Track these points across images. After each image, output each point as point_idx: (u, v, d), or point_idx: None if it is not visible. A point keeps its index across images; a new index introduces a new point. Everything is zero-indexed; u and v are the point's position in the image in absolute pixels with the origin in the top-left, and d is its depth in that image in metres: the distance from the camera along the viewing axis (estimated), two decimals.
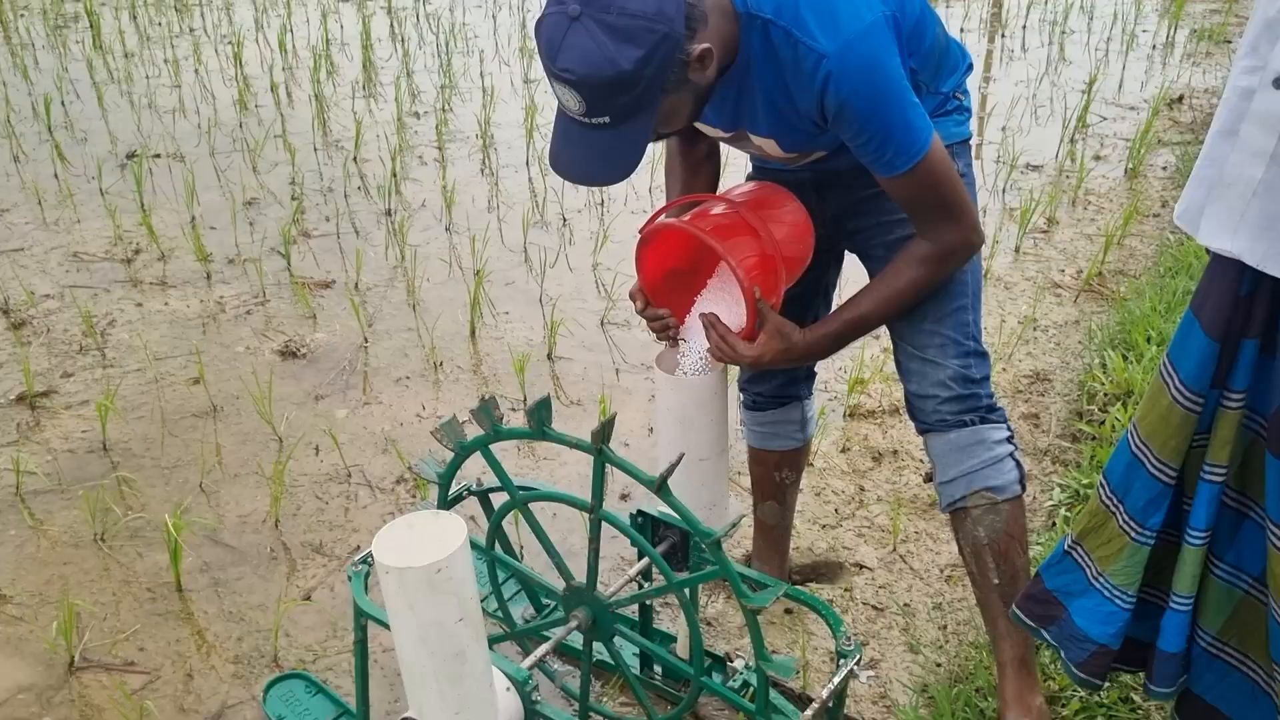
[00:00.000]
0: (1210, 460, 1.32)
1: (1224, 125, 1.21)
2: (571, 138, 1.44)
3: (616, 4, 1.32)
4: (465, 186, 4.26)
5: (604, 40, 1.32)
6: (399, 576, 1.36)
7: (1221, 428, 1.31)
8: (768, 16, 1.43)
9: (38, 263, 3.64)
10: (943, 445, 1.74)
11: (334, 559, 2.35)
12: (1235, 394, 1.28)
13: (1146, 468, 1.38)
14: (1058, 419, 2.81)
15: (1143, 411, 1.39)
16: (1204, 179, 1.24)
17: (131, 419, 2.82)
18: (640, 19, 1.32)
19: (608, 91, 1.35)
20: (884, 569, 2.31)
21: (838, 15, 1.41)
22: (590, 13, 1.32)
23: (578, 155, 1.45)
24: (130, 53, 6.00)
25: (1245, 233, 1.17)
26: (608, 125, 1.39)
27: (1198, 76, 5.67)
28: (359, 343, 3.19)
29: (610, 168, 1.44)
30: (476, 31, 6.50)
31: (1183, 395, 1.31)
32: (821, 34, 1.40)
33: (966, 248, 1.61)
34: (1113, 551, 1.44)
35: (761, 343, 1.62)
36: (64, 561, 2.34)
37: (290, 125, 4.90)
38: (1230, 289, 1.24)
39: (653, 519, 1.80)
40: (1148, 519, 1.39)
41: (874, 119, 1.44)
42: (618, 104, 1.36)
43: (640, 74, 1.34)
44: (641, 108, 1.38)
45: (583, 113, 1.38)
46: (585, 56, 1.32)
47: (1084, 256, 3.72)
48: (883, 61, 1.43)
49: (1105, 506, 1.45)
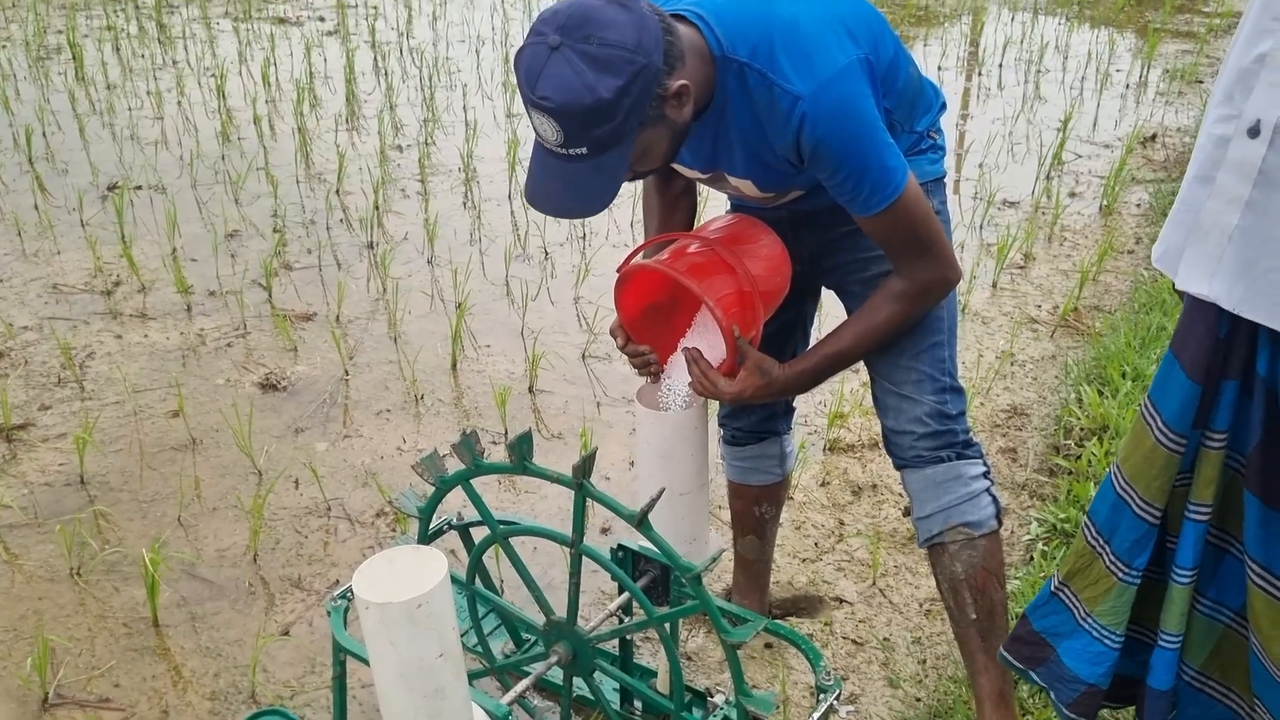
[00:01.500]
0: (1194, 500, 1.34)
1: (1200, 172, 1.23)
2: (548, 170, 1.44)
3: (596, 35, 1.33)
4: (447, 219, 4.28)
5: (583, 69, 1.33)
6: (380, 612, 1.35)
7: (1204, 468, 1.33)
8: (743, 59, 1.45)
9: (16, 294, 3.63)
10: (920, 481, 1.75)
11: (313, 593, 2.34)
12: (1217, 434, 1.30)
13: (1132, 508, 1.39)
14: (1035, 453, 2.83)
15: (1126, 452, 1.40)
16: (1181, 223, 1.26)
17: (109, 452, 2.80)
18: (619, 49, 1.34)
19: (586, 120, 1.35)
20: (864, 603, 2.32)
21: (812, 58, 1.43)
22: (570, 43, 1.33)
23: (554, 188, 1.45)
24: (113, 84, 6.01)
25: (1222, 277, 1.19)
26: (585, 156, 1.40)
27: (1170, 115, 5.77)
28: (340, 375, 3.19)
29: (585, 200, 1.45)
30: (460, 66, 6.55)
31: (1165, 436, 1.33)
32: (796, 76, 1.43)
33: (943, 284, 1.63)
34: (1100, 592, 1.46)
35: (742, 378, 1.64)
36: (39, 596, 2.32)
37: (273, 158, 4.91)
38: (1210, 332, 1.26)
39: (633, 553, 1.81)
40: (1134, 559, 1.41)
41: (849, 159, 1.46)
42: (595, 135, 1.37)
43: (619, 104, 1.35)
44: (619, 140, 1.39)
45: (560, 143, 1.39)
46: (564, 85, 1.33)
47: (1060, 292, 3.77)
48: (857, 103, 1.45)
49: (1091, 547, 1.47)
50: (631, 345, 1.75)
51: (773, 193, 1.66)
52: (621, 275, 1.71)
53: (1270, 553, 1.29)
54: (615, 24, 1.34)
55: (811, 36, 1.44)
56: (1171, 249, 1.27)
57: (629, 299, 1.76)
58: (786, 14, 1.46)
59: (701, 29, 1.46)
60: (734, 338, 1.62)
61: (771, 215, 1.78)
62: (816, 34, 1.45)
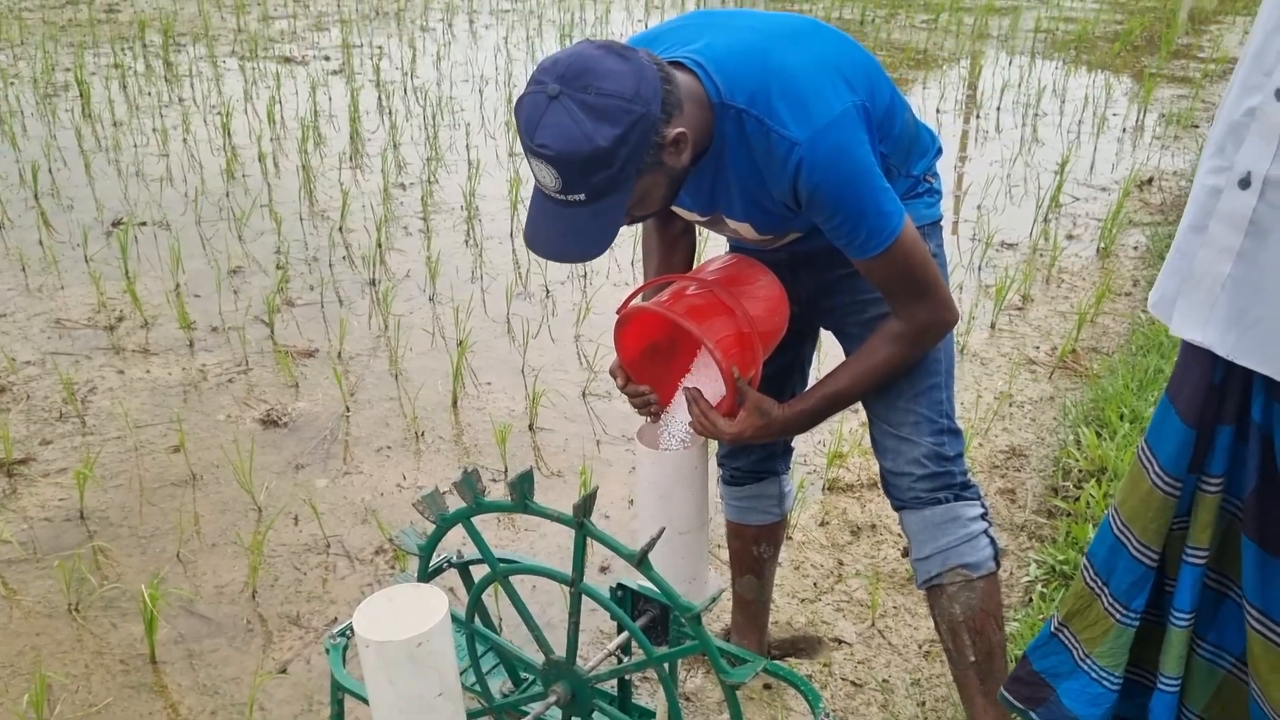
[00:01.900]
0: (1191, 543, 1.35)
1: (1193, 221, 1.25)
2: (547, 214, 1.46)
3: (595, 84, 1.36)
4: (449, 257, 4.31)
5: (581, 118, 1.35)
6: (379, 650, 1.36)
7: (1201, 511, 1.33)
8: (741, 106, 1.47)
9: (19, 329, 3.65)
10: (918, 522, 1.76)
11: (311, 631, 2.34)
12: (1213, 478, 1.31)
13: (1129, 551, 1.40)
14: (1034, 494, 2.84)
15: (1123, 495, 1.41)
16: (1176, 271, 1.28)
17: (110, 487, 2.81)
18: (617, 99, 1.36)
19: (583, 168, 1.38)
20: (863, 644, 2.32)
21: (809, 104, 1.46)
22: (569, 92, 1.36)
23: (552, 233, 1.47)
24: (119, 121, 6.07)
25: (1215, 325, 1.21)
26: (583, 203, 1.42)
27: (1167, 159, 5.83)
28: (341, 412, 3.20)
29: (583, 245, 1.47)
30: (463, 105, 6.62)
31: (1162, 480, 1.34)
32: (793, 123, 1.45)
33: (941, 326, 1.65)
34: (1099, 633, 1.46)
35: (741, 419, 1.66)
36: (36, 632, 2.31)
37: (277, 195, 4.95)
38: (1204, 377, 1.28)
39: (633, 592, 1.81)
40: (1132, 601, 1.41)
41: (846, 204, 1.48)
42: (593, 182, 1.39)
43: (616, 152, 1.37)
44: (616, 186, 1.41)
45: (559, 189, 1.41)
46: (562, 133, 1.35)
47: (1058, 333, 3.79)
48: (853, 149, 1.47)
49: (1090, 589, 1.47)
50: (631, 385, 1.77)
51: (771, 235, 1.69)
52: (621, 317, 1.72)
53: (1268, 598, 1.30)
54: (613, 74, 1.36)
55: (808, 83, 1.47)
56: (1166, 296, 1.29)
57: (629, 340, 1.77)
58: (783, 61, 1.49)
59: (700, 76, 1.49)
60: (733, 378, 1.63)
61: (770, 257, 1.80)
62: (813, 81, 1.47)
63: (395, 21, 9.28)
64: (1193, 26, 9.66)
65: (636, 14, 9.77)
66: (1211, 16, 10.20)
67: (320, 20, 9.25)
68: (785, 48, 1.50)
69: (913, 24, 9.42)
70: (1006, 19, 9.61)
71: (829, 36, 1.58)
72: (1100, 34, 9.10)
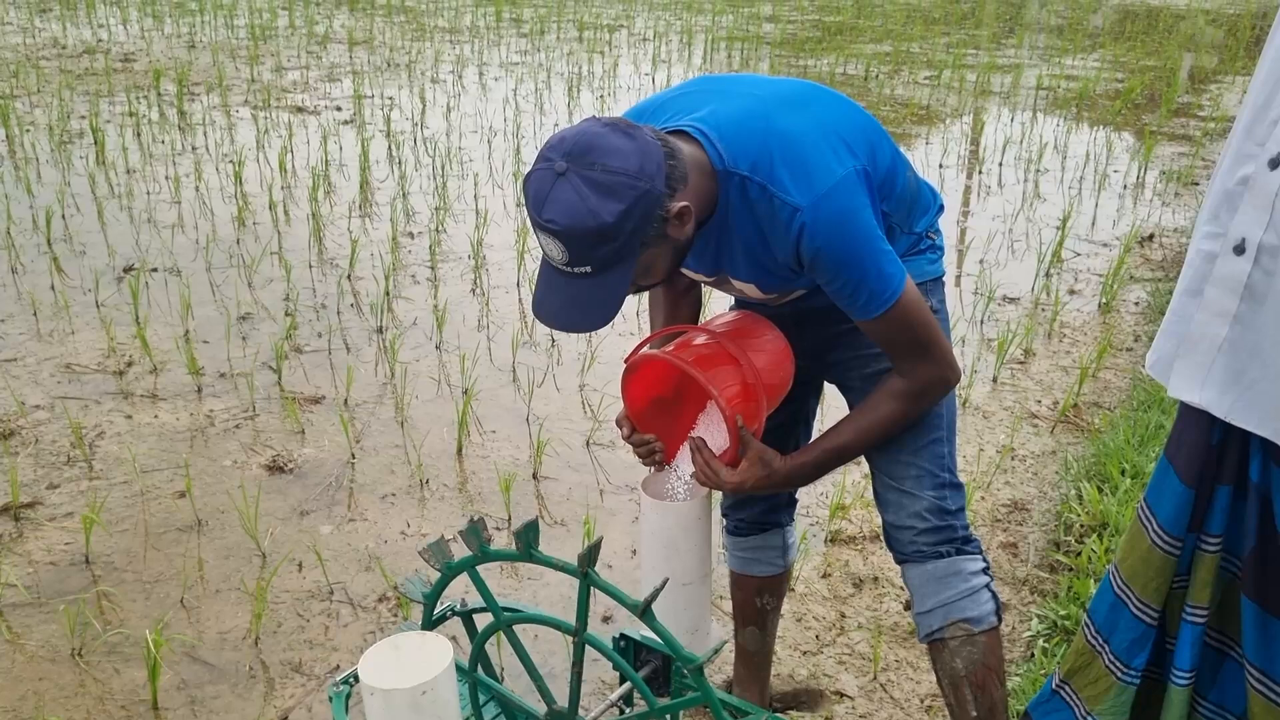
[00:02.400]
0: (1191, 602, 1.36)
1: (1189, 285, 1.29)
2: (554, 286, 1.50)
3: (600, 162, 1.40)
4: (456, 306, 4.35)
5: (587, 194, 1.39)
6: (384, 698, 1.37)
7: (1200, 570, 1.35)
8: (744, 173, 1.51)
9: (30, 373, 3.68)
10: (920, 576, 1.77)
11: (313, 678, 2.34)
12: (1212, 538, 1.33)
13: (1130, 609, 1.41)
14: (1035, 549, 2.84)
15: (1123, 553, 1.43)
16: (1173, 333, 1.31)
17: (115, 532, 2.82)
18: (622, 175, 1.40)
19: (590, 242, 1.42)
20: (865, 698, 2.31)
21: (811, 170, 1.49)
22: (575, 169, 1.40)
23: (559, 303, 1.51)
24: (132, 169, 6.16)
25: (1212, 386, 1.24)
26: (589, 275, 1.46)
27: (1168, 216, 5.89)
28: (346, 459, 3.22)
29: (589, 316, 1.50)
30: (471, 156, 6.71)
31: (1161, 539, 1.36)
32: (795, 188, 1.49)
33: (942, 384, 1.67)
34: (1100, 691, 1.47)
35: (744, 469, 1.67)
36: (39, 677, 2.32)
37: (287, 243, 5.01)
38: (1202, 438, 1.30)
39: (635, 643, 1.82)
40: (1132, 659, 1.42)
41: (847, 268, 1.52)
42: (599, 255, 1.43)
43: (621, 227, 1.41)
44: (621, 259, 1.45)
45: (565, 262, 1.45)
46: (569, 209, 1.39)
47: (1060, 388, 3.81)
48: (854, 213, 1.50)
49: (1091, 646, 1.48)
50: (637, 435, 1.79)
51: (775, 294, 1.72)
52: (629, 366, 1.75)
53: (1268, 657, 1.31)
54: (618, 151, 1.40)
55: (810, 148, 1.51)
56: (1163, 357, 1.32)
57: (635, 390, 1.80)
58: (785, 127, 1.52)
59: (704, 145, 1.53)
60: (737, 428, 1.65)
61: (774, 312, 1.83)
62: (814, 146, 1.51)
63: (406, 73, 9.43)
64: (1193, 85, 9.79)
65: (644, 67, 9.92)
66: (1211, 76, 10.34)
67: (333, 71, 9.40)
68: (787, 113, 1.55)
69: (916, 80, 9.55)
70: (1008, 76, 9.75)
71: (830, 101, 1.63)
72: (1101, 92, 9.22)
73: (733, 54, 10.75)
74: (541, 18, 13.29)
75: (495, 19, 13.24)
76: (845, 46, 11.15)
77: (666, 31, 12.29)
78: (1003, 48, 11.75)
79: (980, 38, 12.52)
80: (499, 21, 13.08)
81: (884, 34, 12.42)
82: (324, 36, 11.44)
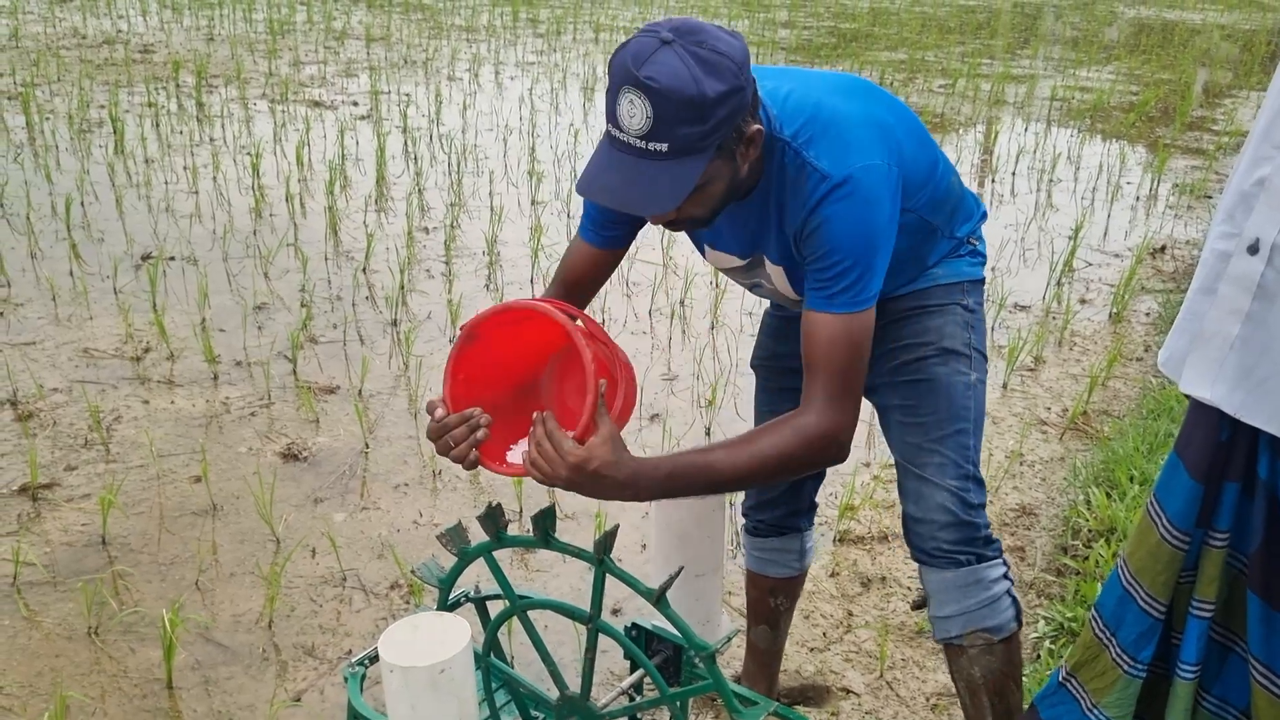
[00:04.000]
0: (1198, 596, 1.38)
1: (1203, 283, 1.31)
2: (617, 164, 1.42)
3: (709, 41, 1.37)
4: (470, 301, 4.38)
5: (693, 65, 1.35)
6: (403, 675, 1.40)
7: (1207, 565, 1.37)
8: (785, 138, 1.51)
9: (48, 357, 3.72)
10: (939, 581, 1.75)
11: (325, 662, 2.37)
12: (1219, 533, 1.35)
13: (1137, 602, 1.43)
14: (1043, 553, 2.86)
15: (1132, 547, 1.45)
16: (1186, 330, 1.34)
17: (131, 514, 2.85)
18: (728, 59, 1.38)
19: (681, 114, 1.36)
20: (871, 695, 2.33)
21: (849, 148, 1.49)
22: (682, 41, 1.36)
23: (617, 180, 1.42)
24: (151, 159, 6.20)
25: (1224, 383, 1.26)
26: (662, 155, 1.39)
27: (1180, 229, 5.90)
28: (360, 448, 3.25)
29: (648, 197, 1.41)
30: (487, 154, 6.74)
31: (1170, 533, 1.38)
32: (829, 161, 1.48)
33: (833, 444, 1.51)
34: (1106, 684, 1.49)
35: (592, 444, 1.42)
36: (56, 654, 2.35)
37: (303, 235, 5.05)
38: (1212, 434, 1.32)
39: (646, 632, 1.84)
40: (1139, 652, 1.44)
41: (843, 250, 1.48)
42: (681, 133, 1.37)
43: (714, 110, 1.37)
44: (699, 149, 1.40)
45: (644, 133, 1.37)
46: (673, 71, 1.34)
47: (1069, 396, 3.83)
48: (877, 203, 1.49)
49: (1098, 639, 1.50)
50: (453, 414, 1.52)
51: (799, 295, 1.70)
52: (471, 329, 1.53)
53: (1273, 652, 1.33)
54: (725, 40, 1.39)
55: (854, 130, 1.51)
56: (1176, 354, 1.35)
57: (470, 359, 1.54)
58: (834, 107, 1.53)
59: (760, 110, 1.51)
60: (598, 394, 1.43)
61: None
62: (859, 130, 1.51)
63: (423, 70, 9.47)
64: (1207, 99, 9.80)
65: None
66: (1226, 90, 10.34)
67: (350, 67, 9.45)
68: (837, 98, 1.55)
69: (930, 89, 9.57)
70: (1023, 86, 9.76)
71: (882, 98, 1.64)
72: (1115, 104, 9.23)
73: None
74: (558, 18, 13.33)
75: (512, 19, 13.29)
76: (860, 54, 11.17)
77: None
78: (1017, 58, 11.76)
79: (995, 48, 12.53)
80: (516, 21, 13.12)
81: (899, 42, 12.44)
82: (341, 32, 11.49)
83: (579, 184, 1.46)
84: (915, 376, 1.75)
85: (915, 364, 1.74)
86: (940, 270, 1.76)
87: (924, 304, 1.76)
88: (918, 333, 1.75)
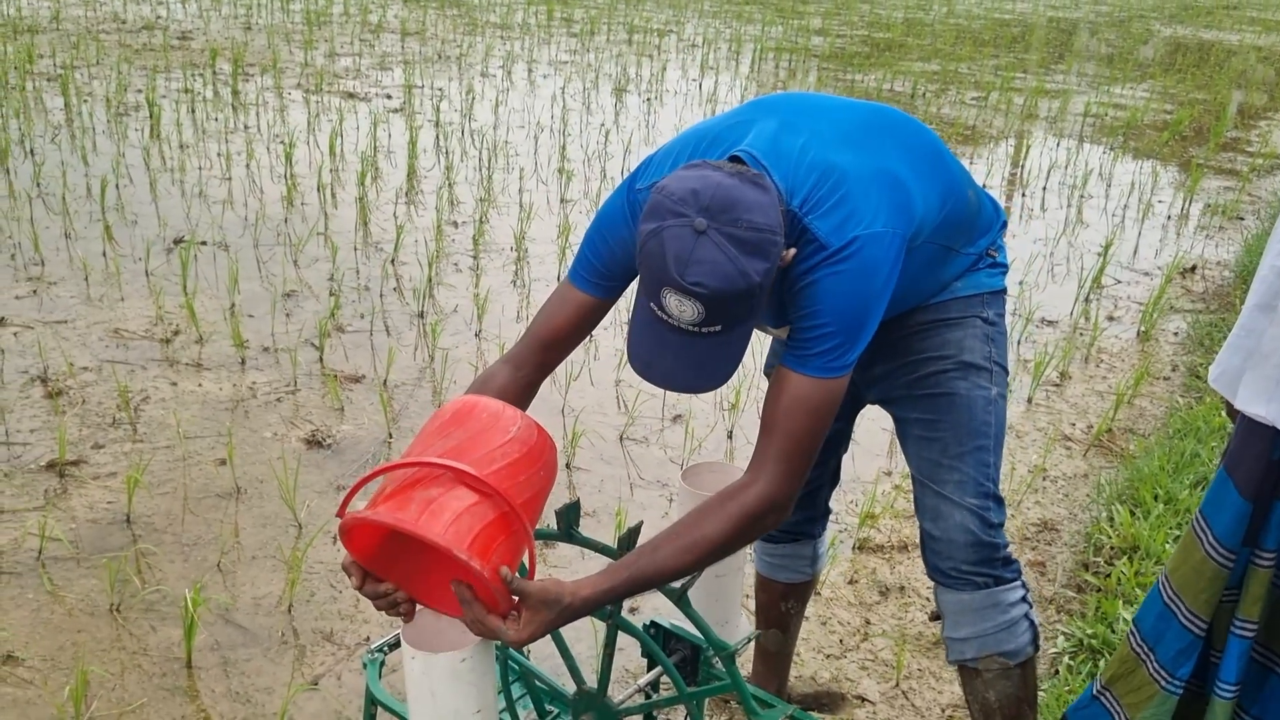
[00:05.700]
0: (1241, 615, 1.37)
1: (1261, 300, 1.30)
2: (670, 345, 1.39)
3: (744, 218, 1.31)
4: (497, 296, 4.39)
5: (735, 254, 1.31)
6: (424, 663, 1.41)
7: (1252, 585, 1.36)
8: (794, 209, 1.45)
9: (79, 336, 3.76)
10: (956, 603, 1.74)
11: (343, 648, 2.38)
12: (1267, 553, 1.34)
13: (1178, 618, 1.42)
14: (1064, 569, 2.84)
15: (1175, 563, 1.44)
16: (1241, 348, 1.33)
17: (156, 494, 2.88)
18: (765, 232, 1.32)
19: (734, 304, 1.33)
20: (886, 704, 2.33)
21: (852, 215, 1.44)
22: (717, 225, 1.31)
23: (676, 364, 1.40)
24: (186, 144, 6.26)
25: None
26: (718, 334, 1.36)
27: (1211, 249, 5.85)
28: (383, 438, 3.27)
29: (713, 375, 1.41)
30: (518, 150, 6.76)
31: (1215, 551, 1.37)
32: (828, 227, 1.44)
33: (777, 512, 1.47)
34: (1142, 699, 1.48)
35: (528, 619, 1.36)
36: (78, 629, 2.38)
37: (333, 224, 5.08)
38: (1264, 453, 1.32)
39: (665, 631, 1.84)
40: (1178, 669, 1.43)
41: (831, 314, 1.44)
42: (733, 312, 1.35)
43: (764, 285, 1.35)
44: (752, 314, 1.38)
45: (697, 322, 1.35)
46: (718, 271, 1.30)
47: (1095, 412, 3.80)
48: (874, 269, 1.44)
49: (1136, 654, 1.49)
50: (370, 584, 1.43)
51: None
52: (341, 528, 1.40)
53: None
54: (758, 206, 1.33)
55: (861, 194, 1.45)
56: (1229, 371, 1.34)
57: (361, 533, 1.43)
58: (846, 169, 1.46)
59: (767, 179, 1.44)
60: (502, 582, 1.32)
61: None
62: (867, 192, 1.46)
63: (457, 65, 9.51)
64: (1242, 121, 9.71)
65: (691, 73, 9.95)
66: (1261, 112, 10.25)
67: (384, 60, 9.50)
68: (850, 154, 1.49)
69: (963, 101, 9.53)
70: (1056, 101, 9.70)
71: (895, 131, 1.57)
72: (1149, 122, 9.16)
73: (780, 65, 10.77)
74: (592, 19, 13.35)
75: (546, 17, 13.32)
76: (893, 64, 11.14)
77: (715, 39, 12.31)
78: (1051, 73, 11.69)
79: (1029, 62, 12.46)
80: (550, 20, 13.16)
81: (933, 53, 12.39)
82: (377, 25, 11.56)
83: (634, 364, 1.43)
84: (934, 390, 1.72)
85: (934, 377, 1.71)
86: (959, 283, 1.73)
87: (943, 317, 1.73)
88: (937, 346, 1.72)
